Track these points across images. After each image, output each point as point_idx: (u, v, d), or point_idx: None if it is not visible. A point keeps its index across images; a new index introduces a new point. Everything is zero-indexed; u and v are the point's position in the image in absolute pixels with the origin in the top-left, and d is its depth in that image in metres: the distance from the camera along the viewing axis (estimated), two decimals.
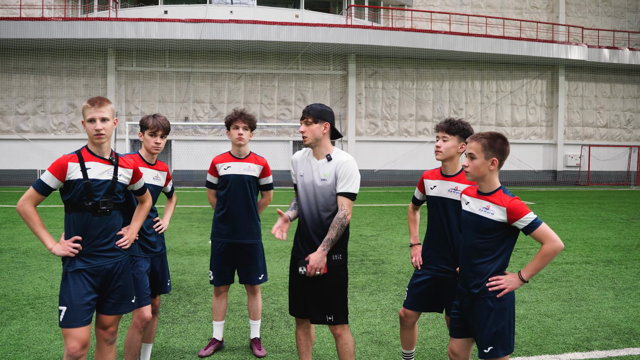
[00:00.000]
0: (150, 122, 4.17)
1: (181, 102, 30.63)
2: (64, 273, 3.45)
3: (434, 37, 30.02)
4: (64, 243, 3.41)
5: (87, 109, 3.43)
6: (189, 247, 10.04)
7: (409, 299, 4.13)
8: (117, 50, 29.74)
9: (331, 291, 3.80)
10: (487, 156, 3.31)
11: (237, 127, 4.80)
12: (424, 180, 4.19)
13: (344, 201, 3.74)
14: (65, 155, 3.44)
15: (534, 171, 34.07)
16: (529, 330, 5.56)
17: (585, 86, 35.38)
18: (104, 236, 3.49)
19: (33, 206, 3.37)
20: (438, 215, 4.02)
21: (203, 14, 28.67)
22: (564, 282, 7.61)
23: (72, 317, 3.35)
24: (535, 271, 3.28)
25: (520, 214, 3.23)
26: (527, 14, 35.32)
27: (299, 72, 31.57)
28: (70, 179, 3.39)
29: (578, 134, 35.33)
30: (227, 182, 4.85)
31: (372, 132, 32.68)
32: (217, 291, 4.99)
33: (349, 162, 3.79)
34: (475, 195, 3.44)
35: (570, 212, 16.60)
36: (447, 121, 4.01)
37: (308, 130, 3.80)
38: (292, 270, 4.00)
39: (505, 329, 3.32)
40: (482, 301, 3.34)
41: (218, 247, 4.91)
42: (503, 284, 3.30)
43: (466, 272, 3.42)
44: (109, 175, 3.50)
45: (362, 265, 8.68)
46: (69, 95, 29.85)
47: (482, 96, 33.86)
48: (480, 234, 3.35)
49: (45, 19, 27.30)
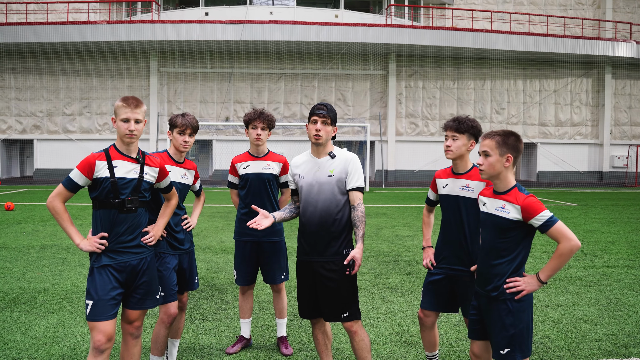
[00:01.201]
0: (179, 121, 4.23)
1: (222, 102, 31.02)
2: (90, 268, 3.54)
3: (475, 35, 29.59)
4: (90, 239, 3.51)
5: (122, 108, 3.51)
6: (225, 246, 10.16)
7: (424, 299, 4.13)
8: (159, 52, 30.35)
9: (344, 287, 3.82)
10: (502, 153, 3.29)
11: (255, 127, 4.84)
12: (436, 180, 4.19)
13: (359, 195, 3.84)
14: (94, 154, 3.54)
15: (578, 172, 33.21)
16: (563, 334, 5.41)
17: (634, 84, 34.26)
18: (129, 233, 3.57)
19: (62, 202, 3.48)
20: (451, 213, 4.01)
21: (243, 15, 28.97)
22: (604, 286, 7.39)
23: (98, 311, 3.43)
24: (553, 271, 3.21)
25: (535, 211, 3.17)
26: (571, 11, 34.46)
27: (339, 72, 31.57)
28: (98, 176, 3.48)
29: (625, 133, 34.26)
30: (247, 181, 4.89)
31: (412, 132, 32.44)
32: (242, 290, 5.04)
33: (355, 158, 3.91)
34: (491, 195, 3.40)
35: (614, 214, 16.12)
36: (455, 120, 4.01)
37: (324, 130, 3.86)
38: (300, 273, 4.01)
39: (524, 331, 3.26)
40: (499, 303, 3.28)
41: (242, 246, 4.95)
42: (521, 285, 3.24)
43: (484, 272, 3.38)
44: (135, 174, 3.59)
45: (396, 265, 8.62)
46: (113, 96, 30.59)
47: (524, 95, 33.19)
48: (498, 234, 3.30)
49: (90, 22, 28.06)
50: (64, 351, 4.79)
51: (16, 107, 30.46)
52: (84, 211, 15.28)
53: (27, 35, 27.71)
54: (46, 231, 11.69)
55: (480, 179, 3.91)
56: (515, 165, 3.37)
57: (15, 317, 5.74)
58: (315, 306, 3.94)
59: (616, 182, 33.05)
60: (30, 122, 30.52)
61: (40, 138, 30.43)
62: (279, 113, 30.99)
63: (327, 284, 3.82)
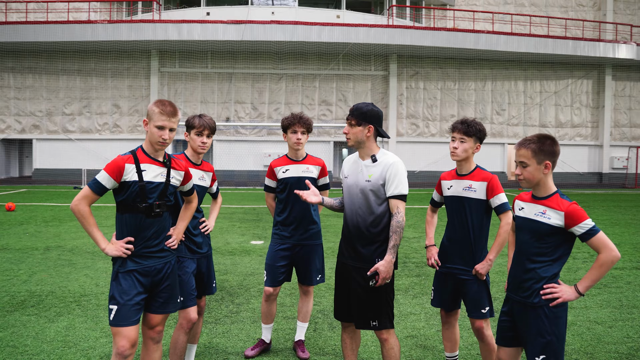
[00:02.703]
0: (196, 122, 4.17)
1: (223, 102, 30.95)
2: (114, 273, 3.48)
3: (476, 36, 29.58)
4: (116, 243, 3.44)
5: (159, 114, 3.44)
6: (231, 247, 10.10)
7: (435, 297, 4.22)
8: (160, 52, 30.27)
9: (376, 296, 3.72)
10: (540, 161, 3.21)
11: (295, 132, 4.79)
12: (441, 181, 4.27)
13: (398, 204, 3.67)
14: (122, 156, 3.46)
15: (578, 173, 33.22)
16: (579, 337, 5.38)
17: (634, 86, 34.30)
18: (155, 237, 3.52)
19: (88, 206, 3.39)
20: (456, 214, 4.09)
21: (245, 15, 28.92)
22: (614, 289, 7.36)
23: (123, 316, 3.38)
24: (592, 282, 3.15)
25: (579, 219, 3.11)
26: (572, 12, 34.48)
27: (340, 72, 31.53)
28: (126, 180, 3.41)
29: (625, 135, 34.29)
30: (287, 185, 4.84)
31: (413, 132, 32.41)
32: (268, 294, 4.87)
33: (396, 163, 3.71)
34: (530, 200, 3.33)
35: (617, 216, 16.10)
36: (464, 122, 4.03)
37: (351, 132, 3.78)
38: (338, 275, 3.96)
39: (560, 339, 3.21)
40: (537, 309, 3.22)
41: (278, 249, 4.87)
42: (558, 292, 3.18)
43: (518, 277, 3.32)
44: (162, 178, 3.54)
45: (405, 267, 8.58)
46: (113, 96, 30.51)
47: (525, 96, 33.19)
48: (536, 240, 3.24)
49: (91, 21, 27.98)
50: (77, 356, 4.73)
51: (15, 106, 30.34)
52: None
53: (26, 34, 27.60)
54: (49, 232, 11.62)
55: (483, 179, 4.01)
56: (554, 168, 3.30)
57: (24, 320, 5.68)
58: (348, 310, 3.89)
59: (616, 183, 33.07)
60: (30, 121, 30.41)
61: (40, 138, 30.32)
62: (279, 113, 30.94)
63: (359, 290, 3.75)
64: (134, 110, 30.63)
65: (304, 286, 4.98)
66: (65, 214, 14.81)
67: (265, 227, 12.75)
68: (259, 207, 17.42)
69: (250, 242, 10.80)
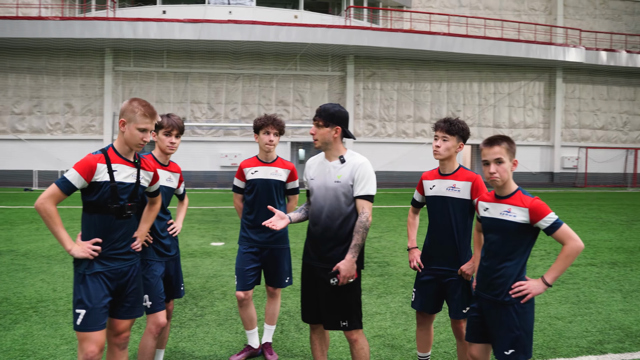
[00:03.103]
0: (164, 122, 4.07)
1: (179, 102, 30.52)
2: (80, 275, 3.35)
3: (432, 38, 30.01)
4: (82, 244, 3.33)
5: (142, 117, 3.37)
6: (191, 249, 9.96)
7: (415, 300, 4.14)
8: (114, 50, 29.62)
9: (345, 296, 3.71)
10: (511, 158, 3.32)
11: (267, 133, 4.71)
12: (422, 181, 4.18)
13: (365, 204, 3.66)
14: (93, 155, 3.34)
15: (531, 173, 34.09)
16: (541, 333, 5.49)
17: (583, 88, 35.44)
18: (123, 239, 3.44)
19: (54, 205, 3.25)
20: (439, 214, 4.01)
21: (202, 14, 28.58)
22: (571, 285, 7.56)
23: (92, 320, 3.27)
24: (559, 273, 3.23)
25: (542, 213, 3.19)
26: (525, 16, 35.37)
27: (298, 72, 31.50)
28: (97, 180, 3.30)
29: (575, 136, 35.37)
30: (254, 186, 4.76)
31: (370, 133, 32.64)
32: (240, 299, 4.74)
33: (365, 164, 3.71)
34: (494, 200, 3.38)
35: (570, 214, 16.58)
36: (446, 121, 4.01)
37: (318, 133, 3.74)
38: (304, 276, 3.92)
39: (528, 333, 3.28)
40: (507, 305, 3.29)
41: (246, 252, 4.78)
42: (527, 289, 3.25)
43: (489, 276, 3.36)
44: (133, 179, 3.45)
45: (367, 267, 8.61)
46: (65, 95, 29.69)
47: (479, 98, 33.87)
48: (505, 238, 3.30)
49: (42, 18, 27.17)
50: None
51: None
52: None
53: None
54: (0, 236, 11.21)
55: (466, 179, 3.95)
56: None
57: None
58: (316, 312, 3.85)
59: (567, 182, 34.09)
60: None
61: None
62: (236, 114, 30.72)
63: (327, 291, 3.72)
64: (87, 110, 29.88)
65: (272, 288, 4.92)
66: (16, 217, 14.32)
67: (225, 229, 12.62)
68: (217, 208, 17.25)
69: (211, 243, 10.67)
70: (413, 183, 31.44)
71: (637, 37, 36.71)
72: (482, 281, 3.42)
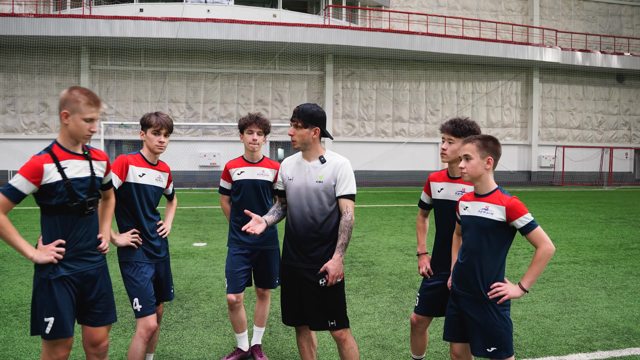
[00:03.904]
0: (153, 120, 3.96)
1: (157, 101, 30.18)
2: (44, 281, 3.17)
3: (411, 38, 30.12)
4: (45, 248, 3.15)
5: (87, 106, 3.15)
6: (173, 250, 9.81)
7: (420, 305, 4.02)
8: (90, 49, 29.17)
9: (331, 295, 3.67)
10: (482, 155, 3.34)
11: (251, 132, 4.62)
12: (430, 183, 4.06)
13: (348, 203, 3.66)
14: (38, 157, 3.12)
15: (509, 172, 34.42)
16: (530, 331, 5.50)
17: (559, 88, 35.89)
18: (87, 238, 3.28)
19: (4, 214, 3.03)
20: (447, 218, 3.89)
21: (179, 12, 28.29)
22: (556, 283, 7.60)
23: (62, 327, 3.16)
24: (534, 277, 3.29)
25: (519, 213, 3.24)
26: (502, 17, 35.70)
27: (276, 72, 31.37)
28: (48, 182, 3.10)
29: (552, 135, 35.81)
30: (241, 187, 4.66)
31: (349, 132, 32.65)
32: (232, 302, 4.64)
33: (346, 164, 3.72)
34: (473, 199, 3.43)
35: (549, 212, 16.74)
36: (452, 122, 3.87)
37: (297, 134, 3.68)
38: (284, 279, 3.85)
39: (509, 331, 3.33)
40: (486, 303, 3.32)
41: (236, 254, 4.69)
42: (504, 290, 3.30)
43: (466, 274, 3.38)
44: (87, 172, 3.27)
45: (353, 267, 8.56)
46: (40, 94, 29.16)
47: (458, 97, 34.09)
48: (481, 236, 3.33)
49: (15, 15, 26.61)
50: None
51: None
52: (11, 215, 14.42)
53: None
54: None
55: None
56: (495, 167, 3.41)
57: None
58: (300, 313, 3.78)
59: (544, 181, 34.48)
60: None
61: None
62: (215, 113, 30.49)
63: (313, 291, 3.67)
64: None
65: (262, 290, 4.84)
66: None
67: (207, 229, 12.48)
68: (198, 208, 17.07)
69: (193, 244, 10.54)
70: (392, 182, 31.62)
71: (611, 38, 37.28)
72: (460, 279, 3.44)
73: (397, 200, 20.69)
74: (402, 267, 8.60)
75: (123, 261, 3.93)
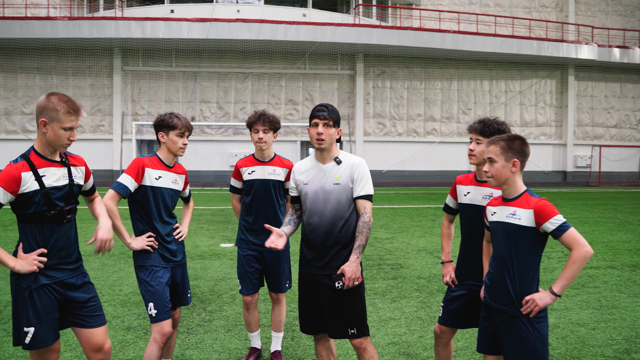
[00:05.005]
0: (177, 122, 3.87)
1: (188, 102, 30.41)
2: (25, 290, 3.11)
3: (442, 36, 29.72)
4: (27, 257, 3.08)
5: (66, 115, 3.05)
6: (200, 251, 9.77)
7: (444, 315, 3.83)
8: (123, 50, 29.54)
9: (352, 302, 3.53)
10: (507, 158, 3.14)
11: (257, 131, 4.50)
12: (456, 186, 3.87)
13: (366, 204, 3.54)
14: (14, 165, 3.05)
15: (543, 172, 33.71)
16: (563, 340, 5.25)
17: (595, 86, 34.99)
18: (67, 247, 3.21)
19: None
20: (473, 224, 3.69)
21: (210, 13, 28.43)
22: (592, 289, 7.30)
23: (44, 336, 3.11)
24: (568, 281, 3.02)
25: (548, 215, 3.01)
26: (536, 13, 34.96)
27: (307, 71, 31.29)
28: (25, 191, 3.03)
29: (588, 134, 34.94)
30: (252, 187, 4.56)
31: (380, 132, 32.39)
32: (246, 302, 4.65)
33: (362, 163, 3.60)
34: (501, 203, 3.23)
35: (585, 214, 16.26)
36: (480, 122, 3.68)
37: (327, 133, 3.53)
38: (302, 285, 3.72)
39: (544, 343, 3.12)
40: (518, 316, 3.11)
41: (245, 254, 4.60)
42: (534, 301, 3.06)
43: (498, 285, 3.18)
44: (65, 180, 3.19)
45: (380, 270, 8.38)
46: (74, 95, 29.60)
47: (490, 96, 33.52)
48: (510, 243, 3.12)
49: (50, 18, 27.11)
50: None
51: None
52: None
53: None
54: (9, 237, 11.08)
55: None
56: (523, 169, 3.20)
57: None
58: (319, 321, 3.65)
59: (580, 181, 33.67)
60: None
61: None
62: (245, 113, 30.55)
63: (333, 298, 3.52)
64: (97, 110, 29.85)
65: (274, 294, 4.73)
66: None
67: (235, 229, 12.43)
68: (227, 209, 17.08)
69: (220, 245, 10.48)
70: (423, 182, 31.30)
71: None
72: (491, 289, 3.24)
73: (428, 201, 20.39)
74: (431, 270, 8.39)
75: (138, 265, 3.85)
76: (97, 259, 8.89)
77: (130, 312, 6.04)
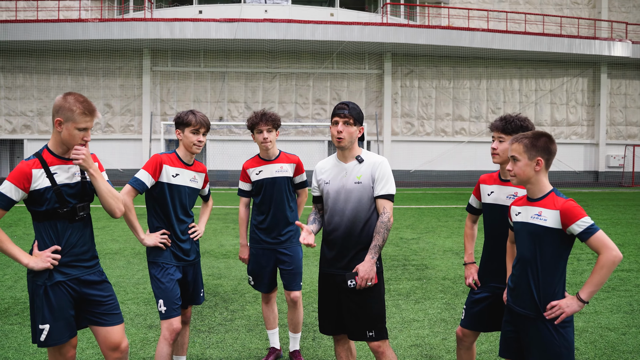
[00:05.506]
0: (192, 119, 3.85)
1: (216, 101, 30.62)
2: (39, 287, 3.14)
3: (471, 34, 29.36)
4: (41, 255, 3.10)
5: (82, 115, 3.05)
6: (225, 250, 9.80)
7: (466, 318, 3.74)
8: (152, 51, 29.90)
9: (372, 304, 3.47)
10: (531, 157, 3.01)
11: (260, 131, 4.50)
12: (480, 185, 3.77)
13: (386, 204, 3.46)
14: (27, 162, 3.07)
15: (574, 172, 33.06)
16: (592, 345, 5.11)
17: (629, 84, 34.17)
18: (82, 243, 3.22)
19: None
20: (497, 224, 3.59)
21: (237, 13, 28.58)
22: (623, 292, 7.10)
23: (58, 334, 3.13)
24: (595, 287, 2.89)
25: (575, 216, 2.88)
26: (567, 10, 34.31)
27: (334, 71, 31.24)
28: (37, 188, 3.05)
29: (621, 133, 34.16)
30: (261, 187, 4.55)
31: (408, 131, 32.16)
32: (265, 298, 4.71)
33: (384, 162, 3.53)
34: (526, 203, 3.11)
35: (617, 215, 15.88)
36: (502, 119, 3.58)
37: (347, 131, 3.47)
38: (322, 285, 3.67)
39: (570, 350, 3.00)
40: (544, 321, 3.00)
41: (259, 254, 4.59)
42: (560, 308, 2.94)
43: (522, 288, 3.07)
44: (78, 177, 3.20)
45: (405, 270, 8.29)
46: (105, 95, 30.11)
47: (520, 95, 33.01)
48: (534, 245, 3.01)
49: (82, 20, 27.57)
50: None
51: (6, 106, 29.90)
52: None
53: (16, 33, 27.13)
54: None
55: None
56: (549, 168, 3.07)
57: (6, 330, 5.36)
58: (338, 322, 3.60)
59: (613, 182, 32.93)
60: (20, 121, 29.98)
61: (31, 138, 29.87)
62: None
63: (353, 299, 3.47)
64: (126, 110, 30.27)
65: (289, 293, 4.68)
66: None
67: None
68: None
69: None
70: (451, 183, 30.96)
71: None
72: (514, 292, 3.13)
73: (455, 201, 20.16)
74: (457, 271, 8.27)
75: (150, 261, 3.86)
76: (122, 257, 8.98)
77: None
